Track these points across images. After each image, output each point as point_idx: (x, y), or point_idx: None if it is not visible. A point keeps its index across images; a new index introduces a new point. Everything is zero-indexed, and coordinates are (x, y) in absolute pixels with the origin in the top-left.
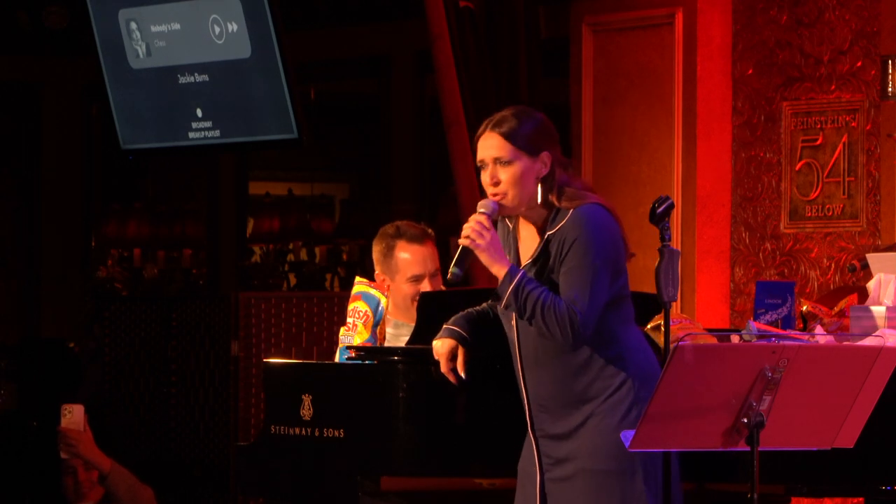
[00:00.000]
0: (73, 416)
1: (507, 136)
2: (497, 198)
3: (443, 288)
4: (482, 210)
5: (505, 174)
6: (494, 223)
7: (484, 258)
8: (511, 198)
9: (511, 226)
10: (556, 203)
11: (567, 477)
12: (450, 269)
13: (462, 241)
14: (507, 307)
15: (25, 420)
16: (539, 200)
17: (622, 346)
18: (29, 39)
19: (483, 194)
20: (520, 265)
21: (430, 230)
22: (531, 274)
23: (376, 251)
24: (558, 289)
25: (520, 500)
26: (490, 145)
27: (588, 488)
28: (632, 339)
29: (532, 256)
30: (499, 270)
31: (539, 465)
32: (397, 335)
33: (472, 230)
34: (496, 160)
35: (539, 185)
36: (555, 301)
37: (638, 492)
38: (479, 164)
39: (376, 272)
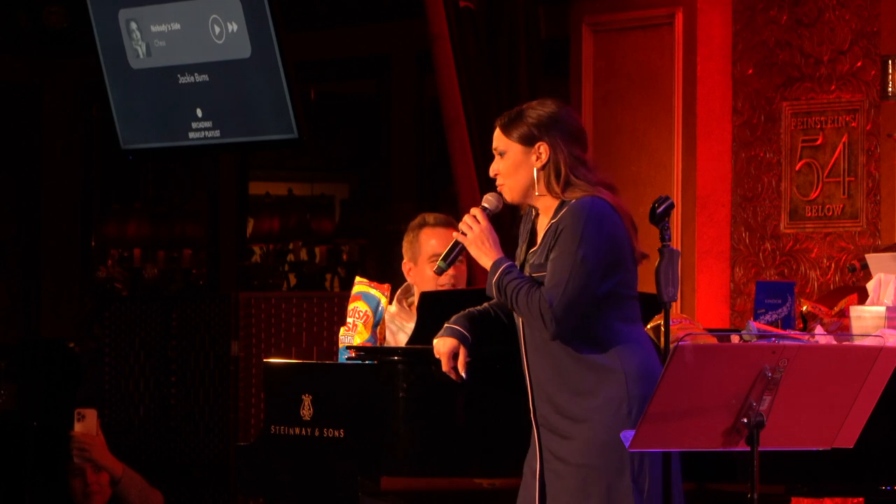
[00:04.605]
0: (87, 420)
1: (503, 128)
2: (500, 188)
3: (464, 274)
4: (483, 203)
5: (501, 164)
6: (520, 215)
7: (471, 251)
8: (508, 188)
9: (533, 216)
10: (560, 194)
11: (562, 470)
12: (437, 262)
13: (454, 235)
14: (495, 297)
15: (25, 420)
16: (538, 191)
17: (618, 343)
18: (29, 39)
19: (482, 193)
20: None
21: (455, 221)
22: (532, 262)
23: (405, 241)
24: None
25: (522, 496)
26: (493, 137)
27: (577, 482)
28: (631, 337)
29: (536, 246)
30: (486, 262)
31: (540, 456)
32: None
33: (463, 223)
34: (495, 150)
35: (536, 176)
36: (531, 291)
37: (624, 487)
38: None
39: (403, 262)
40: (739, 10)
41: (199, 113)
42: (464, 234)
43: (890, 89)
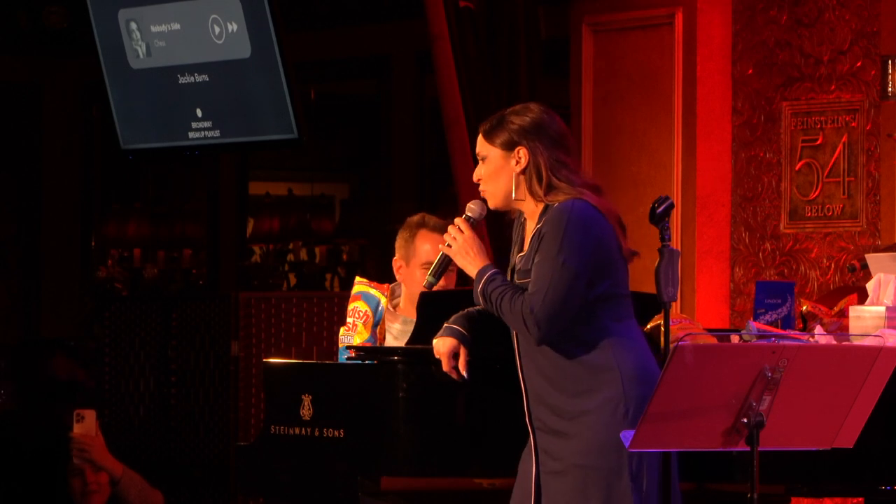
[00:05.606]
0: (86, 421)
1: (485, 134)
2: (483, 194)
3: (453, 283)
4: (466, 212)
5: (483, 170)
6: (511, 220)
7: (457, 261)
8: (490, 194)
9: (522, 221)
10: (543, 198)
11: (559, 471)
12: (426, 277)
13: (440, 247)
14: (481, 305)
15: (24, 420)
16: (517, 196)
17: (613, 343)
18: (29, 39)
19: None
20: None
21: None
22: (519, 268)
23: (400, 238)
24: None
25: (516, 495)
26: (476, 143)
27: (576, 483)
28: (624, 336)
29: (524, 252)
30: (472, 271)
31: (535, 458)
32: (405, 331)
33: (447, 234)
34: (478, 156)
35: (516, 180)
36: (514, 298)
37: (623, 488)
38: None
39: (394, 258)
40: (739, 10)
41: (199, 113)
42: (449, 245)
43: (890, 89)
